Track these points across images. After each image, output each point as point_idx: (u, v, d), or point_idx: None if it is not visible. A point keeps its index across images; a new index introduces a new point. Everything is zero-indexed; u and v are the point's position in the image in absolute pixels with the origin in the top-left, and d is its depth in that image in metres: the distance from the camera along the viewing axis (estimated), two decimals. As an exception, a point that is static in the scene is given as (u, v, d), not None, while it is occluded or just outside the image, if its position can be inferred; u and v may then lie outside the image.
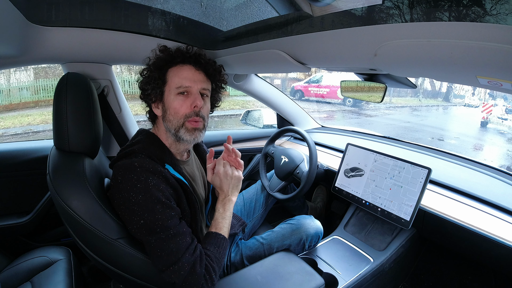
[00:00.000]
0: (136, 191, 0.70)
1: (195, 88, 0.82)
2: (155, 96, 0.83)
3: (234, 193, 0.89)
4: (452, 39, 0.47)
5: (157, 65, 0.83)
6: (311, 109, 9.63)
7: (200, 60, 0.85)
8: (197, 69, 0.84)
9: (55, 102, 0.80)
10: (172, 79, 0.82)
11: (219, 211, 0.86)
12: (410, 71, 0.73)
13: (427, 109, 12.17)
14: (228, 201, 0.87)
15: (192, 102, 0.82)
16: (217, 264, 0.77)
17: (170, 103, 0.81)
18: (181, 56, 0.84)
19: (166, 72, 0.83)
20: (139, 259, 0.73)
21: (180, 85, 0.81)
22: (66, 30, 0.92)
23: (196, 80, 0.83)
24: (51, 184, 0.73)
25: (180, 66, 0.83)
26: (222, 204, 0.87)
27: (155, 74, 0.82)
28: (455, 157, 1.34)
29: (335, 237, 1.27)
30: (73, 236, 0.74)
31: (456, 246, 1.02)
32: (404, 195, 1.10)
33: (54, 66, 6.34)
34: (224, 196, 0.87)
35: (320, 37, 0.71)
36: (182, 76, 0.82)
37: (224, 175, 0.87)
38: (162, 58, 0.84)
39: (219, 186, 0.88)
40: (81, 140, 0.81)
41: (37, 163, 1.20)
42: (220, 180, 0.87)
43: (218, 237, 0.81)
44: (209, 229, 0.85)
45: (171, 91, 0.82)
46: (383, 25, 0.55)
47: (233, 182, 0.88)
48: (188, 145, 0.89)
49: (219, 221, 0.85)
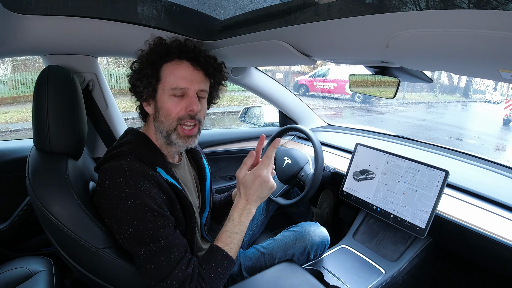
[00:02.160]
0: (125, 197, 0.69)
1: (192, 90, 0.81)
2: (147, 95, 0.82)
3: (257, 203, 0.82)
4: (471, 28, 0.47)
5: (150, 60, 0.81)
6: (317, 106, 9.65)
7: (199, 58, 0.82)
8: (196, 68, 0.82)
9: (35, 98, 0.80)
10: (167, 77, 0.80)
11: (233, 221, 0.79)
12: (425, 64, 0.73)
13: (444, 105, 12.20)
14: (247, 211, 0.80)
15: (188, 105, 0.80)
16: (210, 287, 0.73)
17: (163, 104, 0.80)
18: (178, 51, 0.81)
19: (160, 68, 0.81)
20: (127, 271, 0.72)
21: (176, 86, 0.79)
22: (47, 18, 0.92)
23: (193, 81, 0.81)
24: (31, 188, 0.73)
25: (176, 63, 0.81)
26: (239, 213, 0.80)
27: (148, 71, 0.80)
28: (475, 158, 1.34)
29: (343, 247, 1.27)
30: (55, 245, 0.74)
31: (477, 257, 1.02)
32: (419, 200, 1.10)
33: (34, 58, 6.35)
34: (244, 203, 0.81)
35: (327, 27, 0.71)
36: (179, 75, 0.80)
37: (262, 179, 0.80)
38: (156, 51, 0.81)
39: (246, 188, 0.81)
40: (64, 140, 0.81)
41: (15, 165, 1.20)
42: (252, 182, 0.80)
43: (219, 254, 0.76)
44: (214, 240, 0.80)
45: (165, 90, 0.80)
46: (395, 13, 0.55)
47: (264, 192, 0.81)
48: (179, 149, 0.89)
49: (228, 234, 0.78)
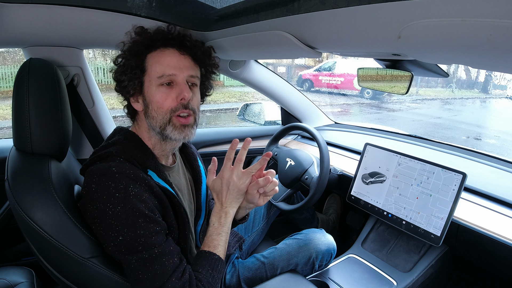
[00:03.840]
0: (114, 201, 0.69)
1: (181, 77, 0.82)
2: (133, 89, 0.82)
3: (232, 205, 0.86)
4: (491, 18, 0.46)
5: (133, 51, 0.82)
6: (322, 102, 9.66)
7: (185, 42, 0.84)
8: (182, 53, 0.83)
9: (15, 93, 0.80)
10: (152, 67, 0.81)
11: (214, 225, 0.85)
12: (441, 57, 0.73)
13: (461, 102, 12.19)
14: (224, 214, 0.85)
15: (178, 93, 0.81)
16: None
17: (152, 96, 0.81)
18: (162, 39, 0.82)
19: (144, 58, 0.82)
20: (116, 282, 0.72)
21: (162, 74, 0.80)
22: (28, 7, 0.92)
23: (181, 67, 0.82)
24: (10, 192, 0.73)
25: (161, 51, 0.82)
26: (217, 217, 0.85)
27: (132, 62, 0.81)
28: (495, 159, 1.34)
29: (351, 256, 1.27)
30: (37, 255, 0.73)
31: (496, 268, 1.02)
32: (434, 205, 1.10)
33: (14, 50, 6.35)
34: (220, 207, 0.86)
35: (333, 16, 0.71)
36: (165, 62, 0.81)
37: (227, 181, 0.84)
38: (139, 42, 0.82)
39: (217, 193, 0.86)
40: (46, 140, 0.81)
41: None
42: (220, 186, 0.85)
43: (212, 258, 0.80)
44: (201, 247, 0.84)
45: (152, 81, 0.81)
46: (408, 1, 0.55)
47: (233, 193, 0.85)
48: (175, 144, 0.89)
49: (213, 237, 0.83)
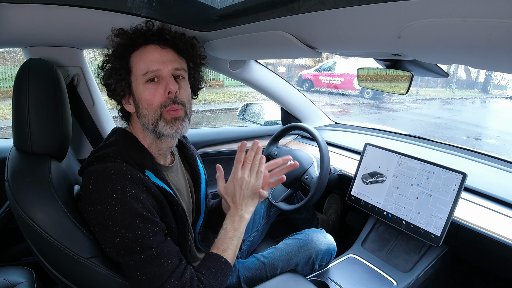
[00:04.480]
0: (111, 202, 0.69)
1: (165, 71, 0.81)
2: (122, 90, 0.83)
3: (247, 209, 0.85)
4: (491, 18, 0.46)
5: (116, 53, 0.82)
6: (322, 102, 9.65)
7: (165, 36, 0.83)
8: (163, 47, 0.83)
9: (15, 94, 0.80)
10: (136, 65, 0.81)
11: (226, 228, 0.83)
12: (441, 57, 0.73)
13: (461, 102, 12.18)
14: (238, 217, 0.84)
15: (165, 87, 0.80)
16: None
17: (141, 95, 0.81)
18: (142, 36, 0.82)
19: (128, 59, 0.82)
20: (116, 282, 0.72)
21: (146, 70, 0.80)
22: (28, 7, 0.91)
23: (165, 61, 0.82)
24: (10, 191, 0.73)
25: (143, 48, 0.82)
26: (231, 220, 0.84)
27: (116, 64, 0.82)
28: (495, 159, 1.34)
29: (351, 256, 1.28)
30: (37, 255, 0.74)
31: (497, 268, 1.02)
32: (434, 205, 1.10)
33: (14, 50, 6.34)
34: (234, 210, 0.84)
35: (333, 16, 0.71)
36: (147, 59, 0.81)
37: (240, 181, 0.83)
38: (121, 43, 0.83)
39: (231, 196, 0.85)
40: (46, 140, 0.81)
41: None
42: (233, 188, 0.84)
43: (218, 260, 0.79)
44: (210, 249, 0.82)
45: (139, 79, 0.81)
46: (408, 1, 0.55)
47: (247, 192, 0.84)
48: (170, 142, 0.88)
49: (224, 240, 0.81)
